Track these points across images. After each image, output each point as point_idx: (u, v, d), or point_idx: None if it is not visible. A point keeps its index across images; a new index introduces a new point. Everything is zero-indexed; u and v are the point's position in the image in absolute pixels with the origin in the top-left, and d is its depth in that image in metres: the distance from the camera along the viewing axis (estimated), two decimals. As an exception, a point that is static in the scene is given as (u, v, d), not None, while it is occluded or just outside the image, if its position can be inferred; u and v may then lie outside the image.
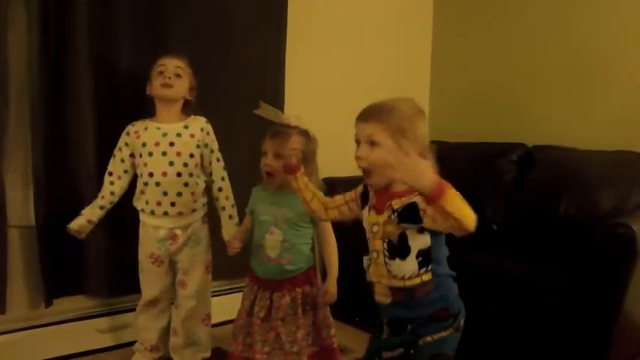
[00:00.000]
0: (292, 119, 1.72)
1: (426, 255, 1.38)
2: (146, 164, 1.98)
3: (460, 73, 3.29)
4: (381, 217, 1.42)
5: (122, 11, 2.19)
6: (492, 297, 2.11)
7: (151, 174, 1.97)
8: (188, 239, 2.04)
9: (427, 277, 1.39)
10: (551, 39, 2.88)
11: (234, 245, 1.80)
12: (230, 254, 1.82)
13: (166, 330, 2.13)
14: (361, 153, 1.39)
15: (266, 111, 1.72)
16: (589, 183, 2.34)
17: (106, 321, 2.28)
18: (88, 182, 2.14)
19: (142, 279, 2.08)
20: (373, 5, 3.16)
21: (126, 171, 2.05)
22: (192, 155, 2.01)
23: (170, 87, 2.00)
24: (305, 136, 1.71)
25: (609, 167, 2.39)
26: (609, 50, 2.66)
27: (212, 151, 2.09)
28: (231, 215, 2.09)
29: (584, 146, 2.55)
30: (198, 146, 2.04)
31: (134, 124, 2.05)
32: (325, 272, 1.77)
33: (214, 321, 2.21)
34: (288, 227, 1.72)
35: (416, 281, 1.40)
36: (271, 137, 1.71)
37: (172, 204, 1.98)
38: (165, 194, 1.97)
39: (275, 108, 1.74)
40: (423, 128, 1.39)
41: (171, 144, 1.99)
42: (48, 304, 2.13)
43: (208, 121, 2.10)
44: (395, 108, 1.37)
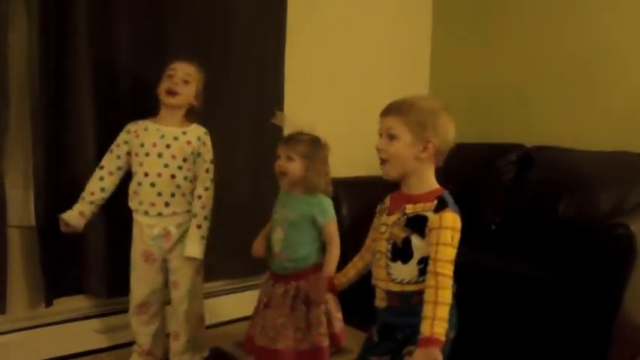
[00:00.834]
0: (306, 127, 1.81)
1: (428, 263, 1.37)
2: (142, 164, 1.99)
3: (459, 74, 3.30)
4: (391, 219, 1.44)
5: (122, 11, 2.19)
6: (491, 297, 2.11)
7: (146, 174, 1.98)
8: (181, 237, 2.04)
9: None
10: (549, 40, 2.89)
11: (257, 250, 1.90)
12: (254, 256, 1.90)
13: (160, 333, 2.13)
14: (380, 145, 1.43)
15: (282, 120, 1.86)
16: (588, 183, 2.34)
17: (106, 321, 2.28)
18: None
19: (133, 278, 2.07)
20: (372, 6, 3.17)
21: (119, 168, 2.04)
22: (185, 160, 2.02)
23: (175, 94, 2.01)
24: (314, 143, 1.80)
25: (608, 167, 2.39)
26: (608, 51, 2.67)
27: (204, 161, 2.07)
28: (199, 225, 2.03)
29: (582, 147, 2.55)
30: (192, 153, 2.04)
31: (136, 123, 2.06)
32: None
33: (214, 322, 2.21)
34: (289, 227, 1.79)
35: (413, 287, 1.40)
36: (284, 142, 1.82)
37: (166, 204, 2.00)
38: (159, 195, 1.99)
39: (291, 118, 1.87)
40: (446, 124, 1.42)
41: (167, 146, 2.00)
42: (48, 304, 2.13)
43: (208, 133, 2.10)
44: (415, 104, 1.42)
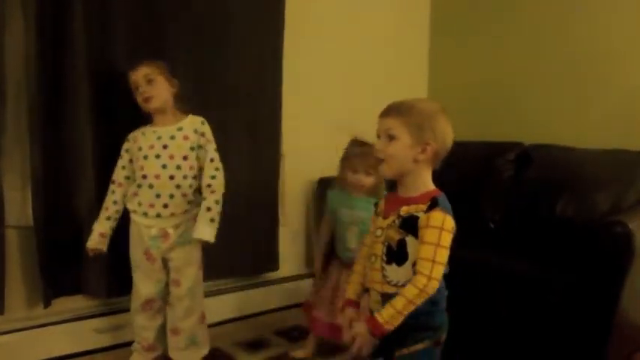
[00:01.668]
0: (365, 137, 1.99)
1: None
2: (142, 167, 2.00)
3: (457, 73, 3.30)
4: (386, 222, 1.44)
5: (119, 12, 2.18)
6: (490, 294, 2.11)
7: (145, 176, 1.99)
8: (180, 237, 2.04)
9: None
10: (546, 38, 2.89)
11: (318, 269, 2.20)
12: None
13: (163, 328, 2.13)
14: (379, 145, 1.45)
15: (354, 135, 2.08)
16: (586, 181, 2.34)
17: (105, 321, 2.28)
18: (86, 183, 2.14)
19: (137, 277, 2.08)
20: (371, 4, 3.16)
21: (127, 177, 2.07)
22: (185, 158, 2.02)
23: (150, 99, 2.01)
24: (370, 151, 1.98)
25: (606, 166, 2.39)
26: (605, 49, 2.67)
27: (207, 152, 2.06)
28: (209, 207, 2.00)
29: (580, 145, 2.54)
30: (192, 148, 2.03)
31: (135, 131, 2.07)
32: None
33: (212, 321, 2.21)
34: (363, 225, 1.99)
35: None
36: (361, 158, 2.02)
37: (165, 206, 2.00)
38: (157, 196, 1.99)
39: (364, 138, 2.02)
40: (444, 127, 1.42)
41: (164, 147, 2.00)
42: (46, 305, 2.13)
43: (205, 122, 2.08)
44: (415, 106, 1.42)
